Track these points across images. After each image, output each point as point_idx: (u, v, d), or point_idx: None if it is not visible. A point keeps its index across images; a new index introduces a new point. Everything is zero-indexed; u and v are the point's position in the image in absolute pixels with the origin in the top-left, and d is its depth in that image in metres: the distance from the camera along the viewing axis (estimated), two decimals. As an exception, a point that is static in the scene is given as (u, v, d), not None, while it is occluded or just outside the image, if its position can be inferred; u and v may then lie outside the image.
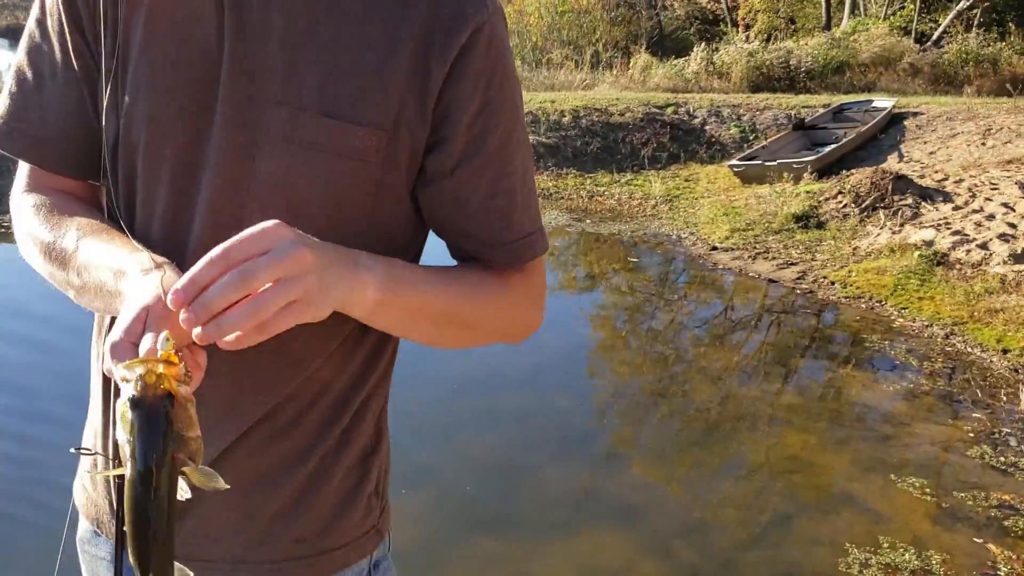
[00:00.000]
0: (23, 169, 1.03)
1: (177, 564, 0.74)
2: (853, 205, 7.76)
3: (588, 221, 8.59)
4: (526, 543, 3.34)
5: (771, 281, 6.73)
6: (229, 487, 0.74)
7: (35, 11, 0.98)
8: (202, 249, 0.90)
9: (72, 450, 0.99)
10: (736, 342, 5.64)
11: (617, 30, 23.69)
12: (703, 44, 17.22)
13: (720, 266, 7.17)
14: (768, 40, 18.94)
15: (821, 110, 11.91)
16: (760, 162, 9.44)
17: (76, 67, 0.96)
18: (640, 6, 25.25)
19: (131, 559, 0.72)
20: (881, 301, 6.11)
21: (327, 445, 1.02)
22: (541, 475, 3.86)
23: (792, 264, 7.00)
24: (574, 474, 3.89)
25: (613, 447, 4.20)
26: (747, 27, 23.42)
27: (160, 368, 0.70)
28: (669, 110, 11.68)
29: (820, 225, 7.69)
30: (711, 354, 5.37)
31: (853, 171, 8.56)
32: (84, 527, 1.14)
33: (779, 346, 5.60)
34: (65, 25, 0.95)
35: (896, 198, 7.63)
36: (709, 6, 28.09)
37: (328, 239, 0.90)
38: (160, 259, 0.83)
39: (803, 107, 12.14)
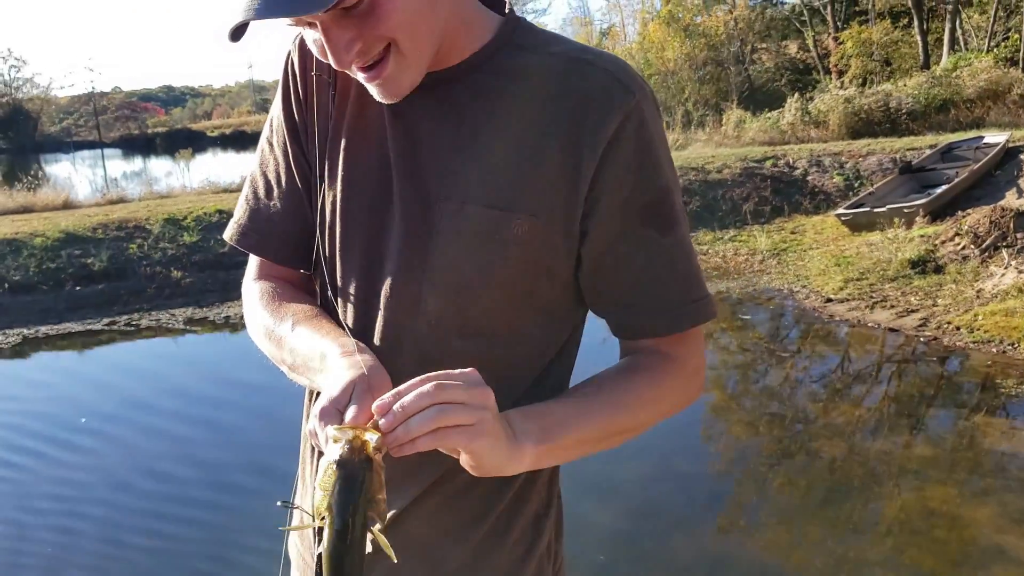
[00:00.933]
0: (253, 261, 1.20)
1: None
2: (973, 246, 7.49)
3: (694, 281, 8.51)
4: (659, 612, 3.29)
5: (891, 330, 6.52)
6: (396, 561, 0.83)
7: (265, 130, 1.18)
8: (386, 328, 1.04)
9: (279, 503, 1.09)
10: (858, 395, 5.47)
11: (706, 88, 23.74)
12: (796, 94, 17.06)
13: (836, 318, 6.99)
14: (864, 84, 18.65)
15: (928, 151, 11.60)
16: (868, 209, 9.23)
17: (296, 174, 1.13)
18: (728, 62, 25.28)
19: None
20: (1013, 344, 5.83)
21: (500, 507, 1.08)
22: (670, 542, 3.80)
23: (912, 311, 6.76)
24: (703, 540, 3.81)
25: (740, 510, 4.10)
26: (840, 73, 23.10)
27: (366, 435, 0.80)
28: (768, 163, 11.58)
29: (939, 269, 7.43)
30: (832, 409, 5.22)
31: (969, 211, 8.27)
32: None
33: (905, 397, 5.39)
34: (287, 141, 1.13)
35: (1019, 236, 7.32)
36: (799, 56, 27.90)
37: (491, 317, 1.02)
38: (361, 345, 0.96)
39: (908, 149, 11.85)
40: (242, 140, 39.90)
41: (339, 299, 1.09)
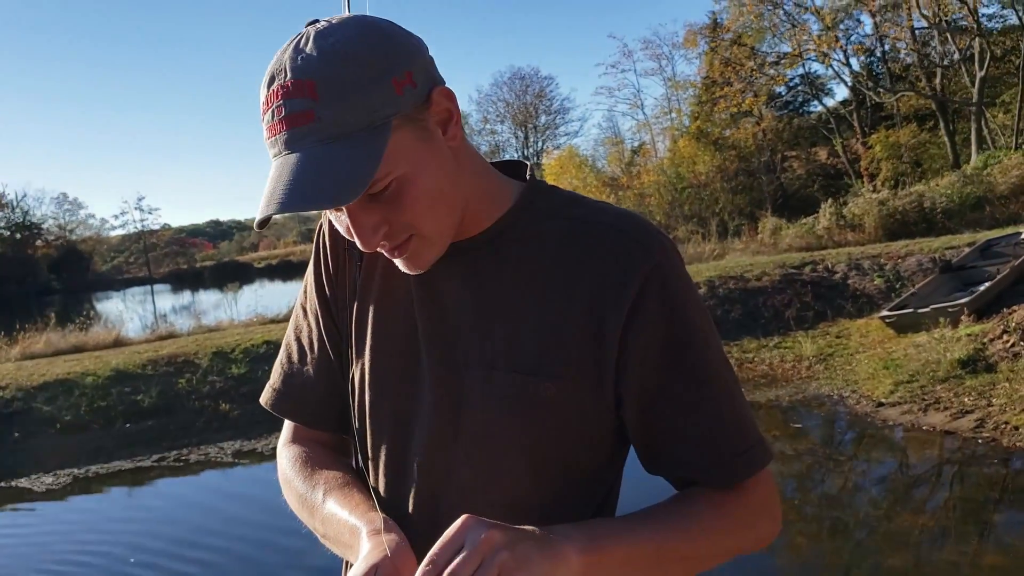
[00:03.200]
0: (288, 424, 1.23)
1: None
2: (1023, 343, 7.35)
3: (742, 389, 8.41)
4: None
5: (947, 433, 6.36)
6: None
7: (300, 295, 1.21)
8: (419, 497, 1.04)
9: None
10: (920, 500, 5.30)
11: (739, 198, 23.98)
12: (829, 199, 17.19)
13: (889, 422, 6.84)
14: (896, 186, 18.75)
15: (966, 249, 11.53)
16: (912, 310, 9.14)
17: (327, 343, 1.16)
18: (759, 172, 25.63)
19: None
20: (1076, 441, 5.65)
21: None
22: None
23: (967, 412, 6.60)
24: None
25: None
26: (872, 176, 23.29)
27: None
28: (807, 269, 11.58)
29: (990, 368, 7.28)
30: (894, 517, 5.06)
31: (1015, 307, 8.16)
32: None
33: (969, 501, 5.22)
34: (319, 310, 1.16)
35: (1069, 329, 7.19)
36: (829, 161, 28.23)
37: (527, 480, 1.01)
38: (390, 523, 0.96)
39: (946, 248, 11.79)
40: (288, 269, 40.74)
41: (371, 466, 1.10)
